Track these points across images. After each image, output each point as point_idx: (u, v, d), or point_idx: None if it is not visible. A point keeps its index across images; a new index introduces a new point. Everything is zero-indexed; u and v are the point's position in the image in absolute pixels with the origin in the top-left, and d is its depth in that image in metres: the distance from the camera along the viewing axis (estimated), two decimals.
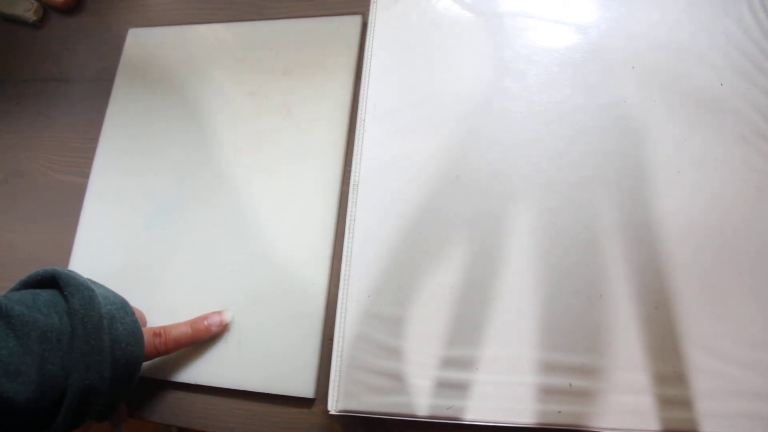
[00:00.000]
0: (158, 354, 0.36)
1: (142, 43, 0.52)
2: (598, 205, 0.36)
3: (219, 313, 0.39)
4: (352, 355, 0.36)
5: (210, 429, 0.39)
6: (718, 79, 0.38)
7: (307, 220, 0.41)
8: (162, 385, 0.40)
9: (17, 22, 0.57)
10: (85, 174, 0.48)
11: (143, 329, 0.35)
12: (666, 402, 0.32)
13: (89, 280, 0.35)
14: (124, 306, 0.34)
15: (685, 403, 0.32)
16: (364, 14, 0.47)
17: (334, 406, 0.35)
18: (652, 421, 0.32)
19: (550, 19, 0.42)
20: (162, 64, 0.50)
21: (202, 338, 0.38)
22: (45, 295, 0.30)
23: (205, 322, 0.38)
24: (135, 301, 0.41)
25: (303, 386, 0.37)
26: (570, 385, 0.33)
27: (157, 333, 0.36)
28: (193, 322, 0.38)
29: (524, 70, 0.40)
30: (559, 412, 0.32)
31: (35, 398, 0.27)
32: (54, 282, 0.32)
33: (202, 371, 0.39)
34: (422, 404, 0.34)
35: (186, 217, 0.44)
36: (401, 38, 0.44)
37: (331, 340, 0.37)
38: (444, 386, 0.34)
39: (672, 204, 0.36)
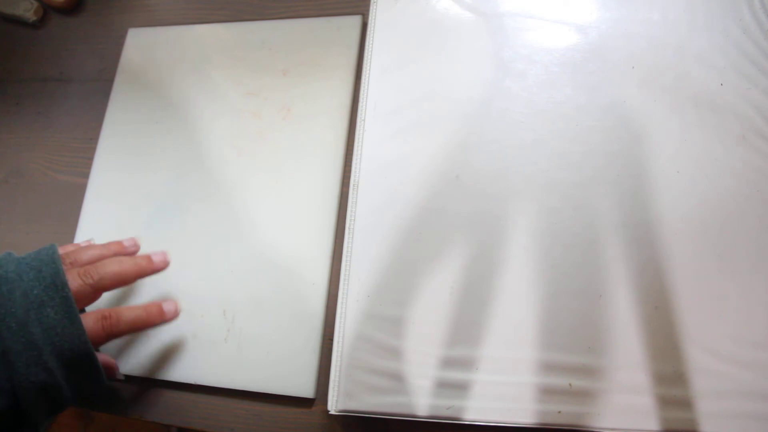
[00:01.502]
0: (109, 336, 0.34)
1: (141, 43, 0.52)
2: (598, 206, 0.36)
3: (172, 301, 0.38)
4: (352, 355, 0.36)
5: (210, 429, 0.39)
6: (718, 79, 0.38)
7: (307, 220, 0.41)
8: (162, 385, 0.40)
9: (17, 22, 0.57)
10: (85, 174, 0.48)
11: (90, 312, 0.33)
12: (666, 402, 0.32)
13: (8, 259, 0.32)
14: (54, 281, 0.31)
15: (685, 403, 0.32)
16: (364, 14, 0.47)
17: (334, 406, 0.35)
18: (652, 421, 0.32)
19: (550, 19, 0.42)
20: (162, 64, 0.50)
21: (156, 322, 0.37)
22: None
23: (161, 307, 0.37)
24: (134, 302, 0.41)
25: (303, 386, 0.37)
26: (570, 385, 0.33)
27: (105, 315, 0.34)
28: (146, 306, 0.36)
29: (524, 70, 0.40)
30: (559, 412, 0.32)
31: None
32: None
33: (202, 371, 0.39)
34: (422, 404, 0.34)
35: (186, 217, 0.44)
36: (401, 38, 0.44)
37: (331, 340, 0.37)
38: (444, 386, 0.34)
39: (672, 204, 0.36)
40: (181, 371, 0.39)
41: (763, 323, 0.33)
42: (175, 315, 0.38)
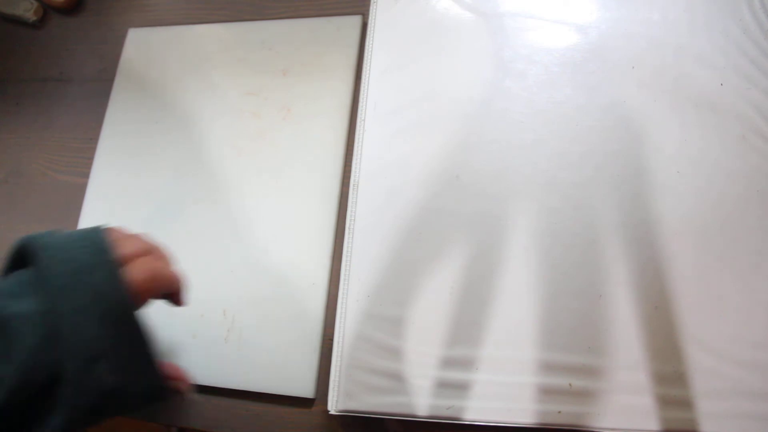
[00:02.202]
0: (153, 286, 0.30)
1: (142, 43, 0.52)
2: (598, 206, 0.36)
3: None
4: (352, 355, 0.36)
5: (210, 429, 0.39)
6: (718, 79, 0.38)
7: (307, 220, 0.41)
8: None
9: (17, 22, 0.57)
10: (85, 174, 0.48)
11: (132, 265, 0.30)
12: (666, 402, 0.32)
13: (57, 232, 0.30)
14: (102, 247, 0.29)
15: (685, 403, 0.32)
16: (364, 14, 0.47)
17: (334, 406, 0.35)
18: (652, 421, 0.32)
19: (550, 19, 0.42)
20: (162, 64, 0.50)
21: (179, 287, 0.33)
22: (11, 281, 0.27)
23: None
24: None
25: (303, 386, 0.37)
26: (570, 385, 0.33)
27: (148, 268, 0.30)
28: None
29: (524, 70, 0.40)
30: (559, 412, 0.32)
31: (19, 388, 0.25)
32: (25, 257, 0.28)
33: (202, 371, 0.39)
34: (422, 404, 0.34)
35: (186, 217, 0.44)
36: (401, 38, 0.44)
37: (331, 340, 0.37)
38: (444, 386, 0.34)
39: (672, 204, 0.36)
40: None
41: (763, 323, 0.33)
42: (186, 298, 0.34)
